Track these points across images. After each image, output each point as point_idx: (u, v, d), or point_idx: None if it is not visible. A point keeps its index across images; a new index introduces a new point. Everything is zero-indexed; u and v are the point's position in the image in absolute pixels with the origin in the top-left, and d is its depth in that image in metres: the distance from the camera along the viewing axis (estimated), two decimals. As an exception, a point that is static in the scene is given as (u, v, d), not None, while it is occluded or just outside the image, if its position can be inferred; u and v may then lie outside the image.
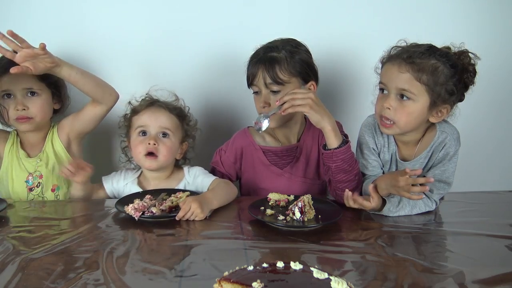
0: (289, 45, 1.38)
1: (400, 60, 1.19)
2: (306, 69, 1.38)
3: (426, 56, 1.17)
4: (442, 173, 1.25)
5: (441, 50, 1.20)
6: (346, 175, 1.26)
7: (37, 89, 1.43)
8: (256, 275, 0.73)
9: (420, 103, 1.18)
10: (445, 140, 1.25)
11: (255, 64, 1.37)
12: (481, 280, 0.87)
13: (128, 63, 1.76)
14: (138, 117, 1.41)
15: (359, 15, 1.73)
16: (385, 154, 1.33)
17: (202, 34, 1.73)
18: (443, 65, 1.17)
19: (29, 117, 1.43)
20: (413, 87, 1.17)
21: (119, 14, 1.71)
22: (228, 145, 1.54)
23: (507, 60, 1.82)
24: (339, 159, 1.23)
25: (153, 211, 1.18)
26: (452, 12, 1.74)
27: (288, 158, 1.48)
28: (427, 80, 1.16)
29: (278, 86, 1.34)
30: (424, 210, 1.23)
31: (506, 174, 1.90)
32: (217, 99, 1.81)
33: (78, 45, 1.70)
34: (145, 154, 1.36)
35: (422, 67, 1.16)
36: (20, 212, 1.29)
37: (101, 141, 1.80)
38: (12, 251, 1.00)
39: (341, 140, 1.24)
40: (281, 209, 1.23)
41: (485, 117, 1.87)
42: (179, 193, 1.30)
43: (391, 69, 1.21)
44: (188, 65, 1.76)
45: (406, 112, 1.19)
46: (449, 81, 1.17)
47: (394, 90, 1.20)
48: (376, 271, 0.91)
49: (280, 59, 1.34)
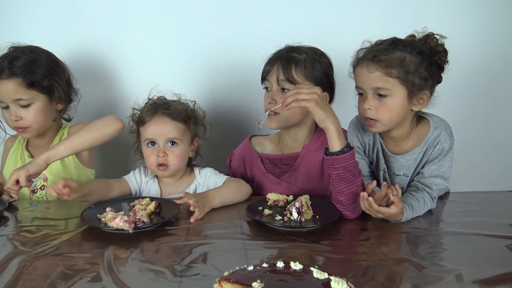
0: (312, 51, 1.38)
1: (367, 61, 1.20)
2: (322, 79, 1.36)
3: (390, 51, 1.18)
4: (439, 168, 1.26)
5: (405, 41, 1.21)
6: (348, 185, 1.16)
7: (27, 99, 1.38)
8: (256, 275, 0.73)
9: (397, 96, 1.19)
10: (440, 135, 1.25)
11: (273, 60, 1.37)
12: (481, 280, 0.87)
13: (130, 64, 1.77)
14: (144, 128, 1.39)
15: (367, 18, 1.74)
16: (371, 152, 1.34)
17: (205, 35, 1.74)
18: (409, 54, 1.18)
19: (25, 126, 1.41)
20: (386, 83, 1.18)
21: (120, 14, 1.71)
22: (236, 151, 1.57)
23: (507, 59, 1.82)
24: (341, 166, 1.15)
25: (144, 220, 1.14)
26: (460, 19, 1.74)
27: (286, 167, 1.46)
28: (398, 73, 1.17)
29: (290, 85, 1.33)
30: (430, 207, 1.24)
31: (505, 174, 1.90)
32: (225, 101, 1.82)
33: (78, 45, 1.71)
34: (157, 165, 1.38)
35: (389, 62, 1.17)
36: (20, 212, 1.29)
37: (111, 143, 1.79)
38: (12, 251, 1.00)
39: (344, 144, 1.16)
40: (279, 209, 1.23)
41: (485, 116, 1.88)
42: (139, 200, 1.26)
43: (361, 72, 1.22)
44: (193, 67, 1.77)
45: (387, 108, 1.20)
46: (420, 68, 1.18)
47: (370, 91, 1.21)
48: (376, 271, 0.91)
49: (299, 60, 1.34)
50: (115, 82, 1.78)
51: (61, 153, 1.31)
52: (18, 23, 1.69)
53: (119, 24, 1.72)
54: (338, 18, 1.75)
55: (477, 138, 1.85)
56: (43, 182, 1.47)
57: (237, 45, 1.75)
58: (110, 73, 1.78)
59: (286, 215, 1.17)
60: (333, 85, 1.41)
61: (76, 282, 0.86)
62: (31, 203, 1.38)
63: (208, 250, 1.01)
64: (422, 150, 1.27)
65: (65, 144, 1.33)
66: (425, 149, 1.27)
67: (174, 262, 0.95)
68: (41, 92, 1.40)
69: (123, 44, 1.74)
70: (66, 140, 1.36)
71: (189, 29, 1.74)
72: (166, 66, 1.77)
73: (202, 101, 1.49)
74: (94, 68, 1.76)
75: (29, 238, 1.08)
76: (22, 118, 1.39)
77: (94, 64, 1.75)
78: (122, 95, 1.79)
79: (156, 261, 0.96)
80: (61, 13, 1.69)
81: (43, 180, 1.47)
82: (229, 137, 1.77)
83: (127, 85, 1.79)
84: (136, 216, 1.14)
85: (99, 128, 1.37)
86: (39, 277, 0.88)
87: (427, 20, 1.71)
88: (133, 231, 1.09)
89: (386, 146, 1.32)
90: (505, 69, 1.83)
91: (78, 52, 1.71)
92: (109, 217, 1.12)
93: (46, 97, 1.42)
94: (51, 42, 1.48)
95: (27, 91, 1.37)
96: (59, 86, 1.44)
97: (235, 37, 1.75)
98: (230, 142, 1.67)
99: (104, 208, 1.20)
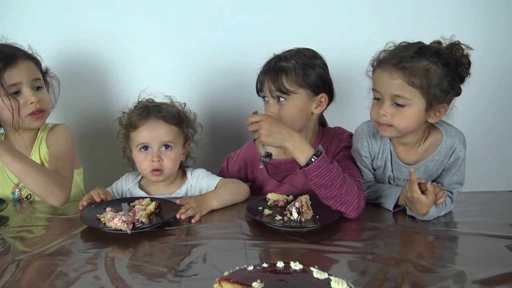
0: (302, 55, 1.36)
1: (390, 66, 1.16)
2: (317, 81, 1.35)
3: (416, 59, 1.14)
4: (459, 177, 1.27)
5: (431, 49, 1.16)
6: (328, 191, 1.16)
7: (41, 80, 1.38)
8: (256, 275, 0.73)
9: (416, 107, 1.16)
10: (454, 145, 1.25)
11: (264, 73, 1.36)
12: (481, 280, 0.87)
13: (124, 66, 1.76)
14: (137, 133, 1.34)
15: (364, 20, 1.74)
16: (379, 159, 1.32)
17: (203, 39, 1.74)
18: (435, 65, 1.14)
19: (43, 109, 1.37)
20: (407, 93, 1.14)
21: (119, 15, 1.71)
22: (236, 154, 1.56)
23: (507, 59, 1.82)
24: (313, 176, 1.14)
25: (143, 221, 1.13)
26: (460, 19, 1.74)
27: (288, 171, 1.46)
28: (420, 84, 1.13)
29: (284, 95, 1.33)
30: (450, 209, 1.26)
31: (506, 174, 1.90)
32: (219, 103, 1.81)
33: (78, 46, 1.71)
34: (151, 171, 1.36)
35: (413, 71, 1.13)
36: (20, 212, 1.29)
37: (102, 143, 1.80)
38: (12, 251, 1.00)
39: (308, 156, 1.14)
40: (279, 209, 1.23)
41: (485, 116, 1.88)
42: (139, 201, 1.25)
43: (382, 76, 1.18)
44: (187, 69, 1.77)
45: (404, 117, 1.17)
46: (443, 81, 1.14)
47: (388, 97, 1.17)
48: (376, 271, 0.91)
49: (288, 69, 1.32)
50: (107, 82, 1.78)
51: (10, 167, 1.23)
52: (9, 22, 1.69)
53: (112, 26, 1.72)
54: (336, 19, 1.75)
55: (478, 138, 1.85)
56: (29, 191, 1.42)
57: (232, 48, 1.75)
58: (103, 75, 1.78)
59: (286, 215, 1.17)
60: (331, 84, 1.40)
61: (75, 282, 0.86)
62: (30, 203, 1.38)
63: (208, 250, 1.01)
64: (434, 159, 1.26)
65: (20, 169, 1.23)
66: (436, 157, 1.26)
67: (174, 262, 0.95)
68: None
69: (116, 46, 1.74)
70: (25, 167, 1.23)
71: (183, 30, 1.74)
72: (160, 68, 1.76)
73: (195, 103, 1.47)
74: (86, 68, 1.75)
75: (29, 238, 1.08)
76: (42, 99, 1.36)
77: (86, 64, 1.75)
78: (114, 97, 1.78)
79: (156, 261, 0.96)
80: (54, 14, 1.68)
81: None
82: (222, 139, 1.76)
83: (120, 87, 1.78)
84: (135, 216, 1.13)
85: (47, 193, 1.26)
86: (39, 277, 0.88)
87: (427, 20, 1.73)
88: (132, 231, 1.09)
89: (396, 153, 1.30)
90: (505, 66, 1.82)
91: (70, 53, 1.71)
92: (108, 217, 1.12)
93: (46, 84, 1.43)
94: (43, 42, 1.47)
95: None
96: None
97: (230, 39, 1.74)
98: (223, 145, 1.66)
99: (104, 208, 1.19)
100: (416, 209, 1.17)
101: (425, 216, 1.18)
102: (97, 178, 1.62)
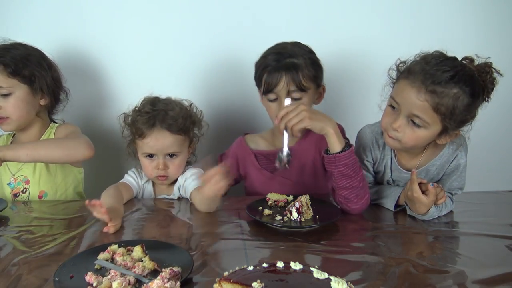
0: (301, 49, 1.35)
1: (419, 83, 1.09)
2: (318, 73, 1.36)
3: (450, 85, 1.07)
4: (459, 183, 1.29)
5: (467, 74, 1.08)
6: (350, 181, 1.18)
7: (7, 87, 1.33)
8: (256, 275, 0.73)
9: (431, 131, 1.13)
10: (456, 151, 1.25)
11: (275, 71, 1.31)
12: (481, 280, 0.87)
13: (124, 64, 1.76)
14: (142, 142, 1.34)
15: (361, 17, 1.74)
16: (380, 165, 1.33)
17: (204, 37, 1.74)
18: (464, 94, 1.08)
19: (4, 117, 1.35)
20: (428, 117, 1.10)
21: (119, 15, 1.71)
22: (227, 151, 1.57)
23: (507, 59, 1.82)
24: (341, 164, 1.17)
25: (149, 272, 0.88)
26: (455, 13, 1.73)
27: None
28: (445, 112, 1.08)
29: (301, 93, 1.32)
30: (450, 209, 1.26)
31: (506, 174, 1.90)
32: (220, 100, 1.81)
33: (71, 45, 1.71)
34: (156, 176, 1.38)
35: (442, 98, 1.07)
36: (20, 212, 1.29)
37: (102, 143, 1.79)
38: (12, 251, 1.00)
39: (343, 144, 1.17)
40: (279, 209, 1.23)
41: (485, 116, 1.87)
42: (129, 247, 0.95)
43: (408, 91, 1.11)
44: (187, 66, 1.77)
45: (415, 137, 1.15)
46: (466, 112, 1.10)
47: (406, 113, 1.13)
48: (376, 271, 0.90)
49: (301, 66, 1.31)
50: (108, 81, 1.78)
51: (20, 158, 1.25)
52: (9, 22, 1.69)
53: (113, 24, 1.72)
54: (335, 16, 1.75)
55: (478, 139, 1.85)
56: (24, 184, 1.43)
57: (232, 44, 1.75)
58: (103, 73, 1.78)
59: (286, 215, 1.17)
60: (323, 72, 1.39)
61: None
62: (30, 203, 1.38)
63: (208, 250, 1.00)
64: (436, 163, 1.27)
65: (28, 150, 1.25)
66: (438, 162, 1.26)
67: (174, 262, 0.94)
68: (23, 82, 1.35)
69: (117, 44, 1.74)
70: (31, 145, 1.28)
71: (183, 28, 1.74)
72: (160, 66, 1.76)
73: (196, 103, 1.47)
74: (87, 67, 1.76)
75: (29, 238, 1.08)
76: (1, 107, 1.34)
77: (87, 64, 1.75)
78: (115, 95, 1.79)
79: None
80: (55, 12, 1.69)
81: (24, 183, 1.42)
82: (224, 136, 1.76)
83: (120, 85, 1.78)
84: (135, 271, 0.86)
85: (70, 148, 1.31)
86: (39, 277, 0.88)
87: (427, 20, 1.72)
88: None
89: (399, 159, 1.30)
90: (505, 66, 1.82)
91: (71, 52, 1.71)
92: (106, 285, 0.82)
93: (28, 88, 1.37)
94: (44, 41, 1.48)
95: (8, 79, 1.33)
96: (42, 78, 1.39)
97: (230, 36, 1.74)
98: (225, 141, 1.67)
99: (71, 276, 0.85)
100: (415, 209, 1.17)
101: (425, 216, 1.18)
102: (97, 178, 1.61)
